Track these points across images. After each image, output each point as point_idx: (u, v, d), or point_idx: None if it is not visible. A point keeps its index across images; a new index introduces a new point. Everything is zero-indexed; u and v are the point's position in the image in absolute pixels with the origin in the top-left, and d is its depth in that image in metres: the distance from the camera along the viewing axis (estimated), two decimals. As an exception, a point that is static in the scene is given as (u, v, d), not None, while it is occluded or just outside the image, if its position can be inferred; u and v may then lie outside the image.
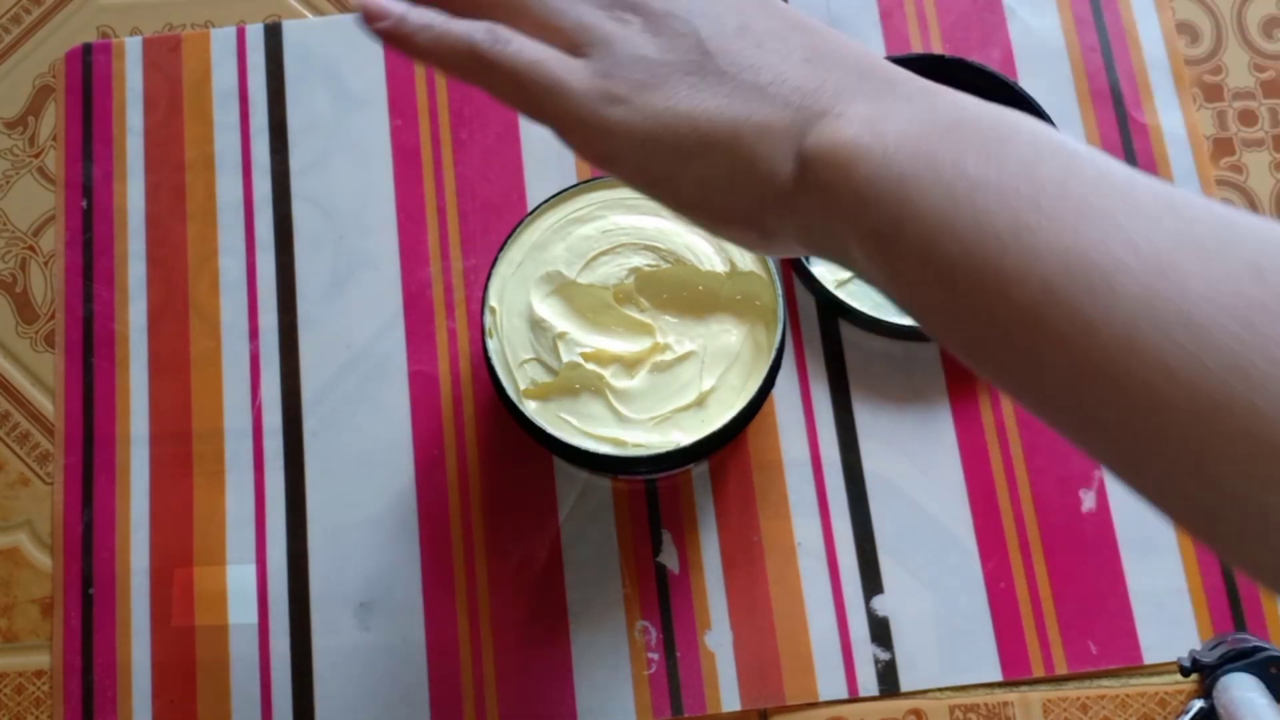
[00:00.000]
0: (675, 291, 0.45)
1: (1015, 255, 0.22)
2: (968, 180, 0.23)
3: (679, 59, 0.27)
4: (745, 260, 0.44)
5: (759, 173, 0.26)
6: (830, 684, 0.47)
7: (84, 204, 0.54)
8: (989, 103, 0.26)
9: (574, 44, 0.28)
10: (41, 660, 0.49)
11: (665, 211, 0.45)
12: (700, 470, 0.50)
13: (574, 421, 0.44)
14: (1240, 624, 0.48)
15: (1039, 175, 0.23)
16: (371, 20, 0.29)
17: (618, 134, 0.27)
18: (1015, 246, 0.22)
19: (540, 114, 0.28)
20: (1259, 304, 0.20)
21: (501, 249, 0.45)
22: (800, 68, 0.27)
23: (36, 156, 0.55)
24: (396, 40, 0.29)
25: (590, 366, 0.44)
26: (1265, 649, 0.46)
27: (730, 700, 0.47)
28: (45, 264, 0.54)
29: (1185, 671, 0.46)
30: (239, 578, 0.50)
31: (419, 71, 0.55)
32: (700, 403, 0.44)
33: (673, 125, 0.27)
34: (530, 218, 0.45)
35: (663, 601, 0.49)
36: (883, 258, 0.25)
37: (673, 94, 0.27)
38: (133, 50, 0.56)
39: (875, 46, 0.55)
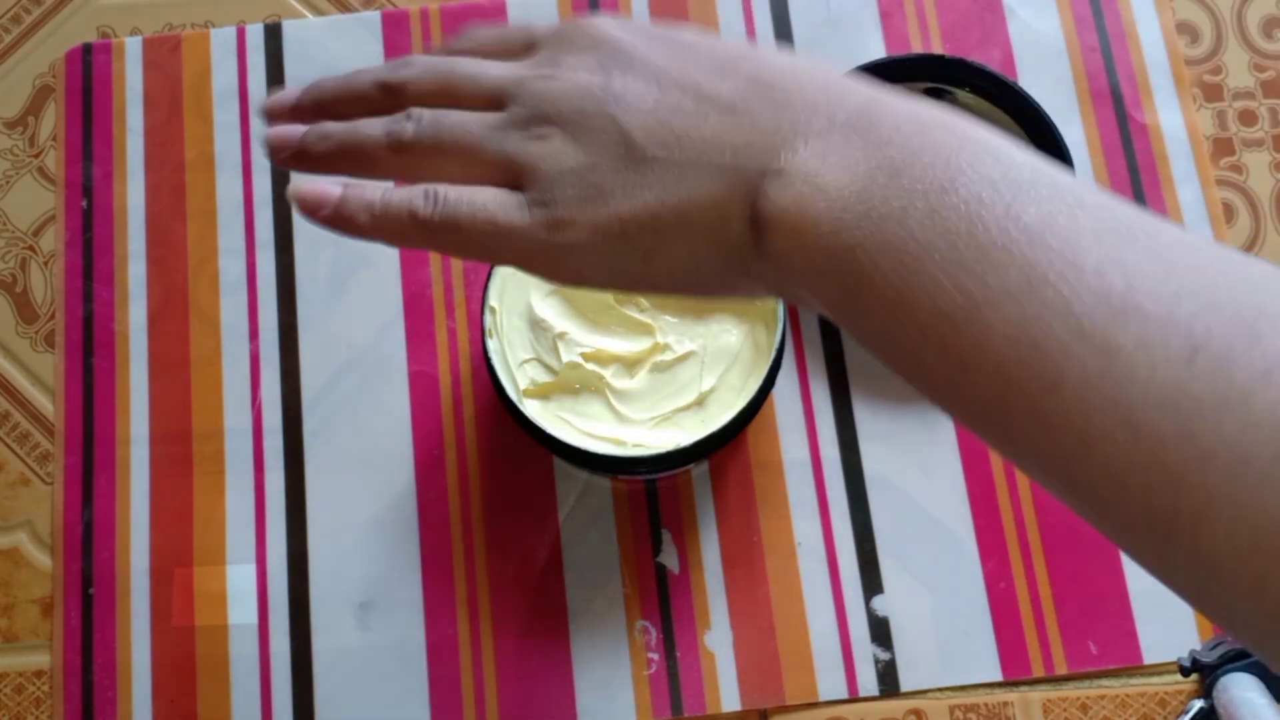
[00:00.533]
0: (675, 291, 0.45)
1: (970, 338, 0.22)
2: (915, 247, 0.23)
3: (605, 157, 0.26)
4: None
5: (719, 247, 0.26)
6: (830, 684, 0.47)
7: (84, 204, 0.54)
8: (924, 112, 0.25)
9: (504, 176, 0.28)
10: (41, 660, 0.49)
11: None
12: (700, 470, 0.50)
13: (574, 421, 0.44)
14: (1240, 624, 0.48)
15: (982, 231, 0.22)
16: (311, 212, 0.29)
17: (574, 256, 0.27)
18: (968, 329, 0.22)
19: (497, 259, 0.28)
20: (1194, 402, 0.20)
21: (501, 249, 0.45)
22: (728, 119, 0.26)
23: (36, 156, 0.55)
24: (340, 225, 0.29)
25: (590, 366, 0.44)
26: (1265, 649, 0.46)
27: (730, 700, 0.47)
28: (45, 264, 0.54)
29: (1185, 671, 0.46)
30: (239, 578, 0.50)
31: (419, 71, 0.55)
32: (700, 403, 0.44)
33: (620, 231, 0.26)
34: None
35: (663, 601, 0.49)
36: (847, 323, 0.25)
37: (611, 200, 0.26)
38: (133, 50, 0.56)
39: (875, 47, 0.55)
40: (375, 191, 0.29)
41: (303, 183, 0.29)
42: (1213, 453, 0.20)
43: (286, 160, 0.30)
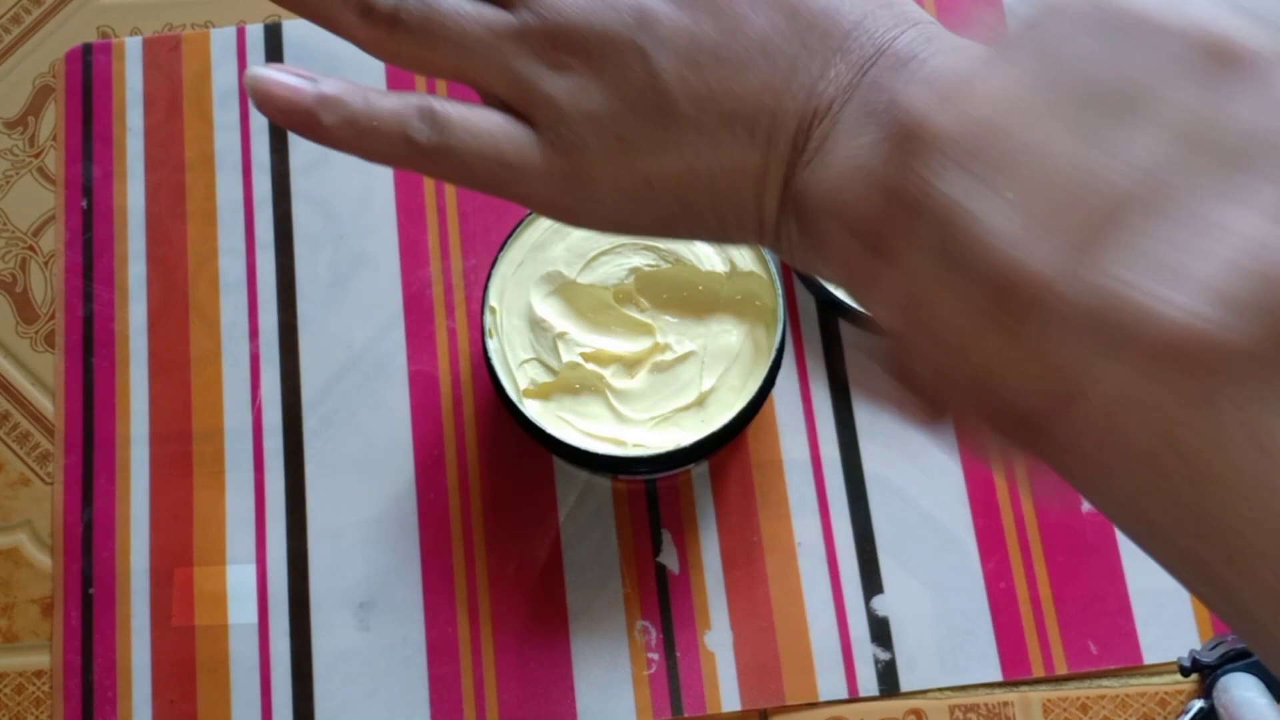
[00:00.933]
0: (675, 291, 0.45)
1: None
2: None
3: (634, 108, 0.23)
4: (745, 260, 0.44)
5: (746, 218, 0.24)
6: (830, 684, 0.47)
7: (84, 204, 0.54)
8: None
9: (511, 97, 0.24)
10: (41, 660, 0.49)
11: None
12: (700, 470, 0.50)
13: (574, 421, 0.44)
14: (1240, 624, 0.48)
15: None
16: (274, 114, 0.24)
17: (591, 212, 0.25)
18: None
19: (501, 193, 0.25)
20: None
21: (501, 249, 0.45)
22: (764, 73, 0.23)
23: (36, 156, 0.55)
24: (312, 134, 0.25)
25: (590, 366, 0.44)
26: (1265, 649, 0.46)
27: (730, 700, 0.47)
28: (45, 264, 0.54)
29: (1185, 671, 0.46)
30: (239, 578, 0.50)
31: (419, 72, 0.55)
32: (700, 403, 0.44)
33: (645, 194, 0.24)
34: (530, 217, 0.45)
35: (663, 601, 0.49)
36: (868, 302, 0.24)
37: (636, 157, 0.24)
38: (133, 50, 0.56)
39: (875, 46, 0.55)
40: (358, 97, 0.24)
41: (266, 72, 0.24)
42: None
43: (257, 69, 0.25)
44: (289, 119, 0.24)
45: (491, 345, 0.44)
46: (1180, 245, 0.17)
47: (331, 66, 0.56)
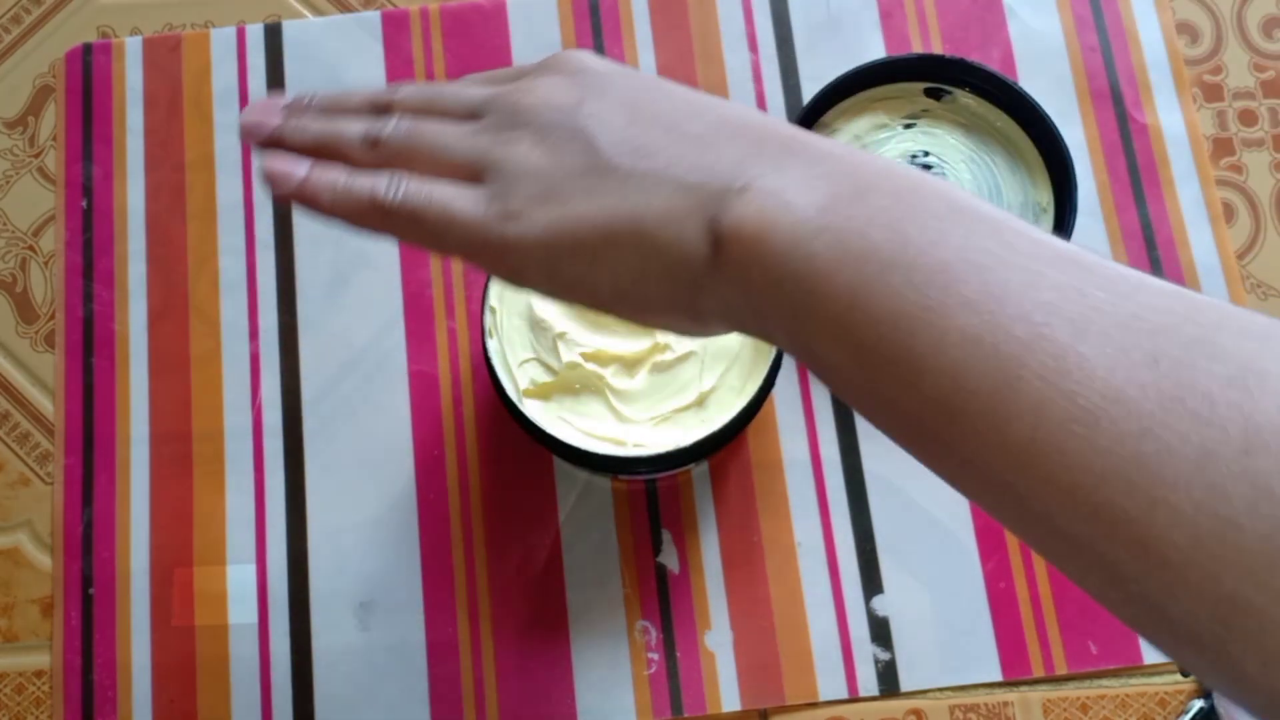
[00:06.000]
0: (675, 291, 0.45)
1: (925, 342, 0.22)
2: (877, 258, 0.23)
3: (570, 164, 0.27)
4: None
5: (670, 259, 0.26)
6: (830, 684, 0.47)
7: (84, 204, 0.54)
8: (891, 160, 0.25)
9: (470, 175, 0.28)
10: (41, 660, 0.49)
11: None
12: (700, 470, 0.50)
13: (574, 421, 0.44)
14: (1240, 624, 0.48)
15: (946, 247, 0.22)
16: (275, 186, 0.30)
17: (519, 249, 0.27)
18: (925, 334, 0.22)
19: (443, 246, 0.29)
20: (1155, 401, 0.20)
21: (501, 249, 0.45)
22: (694, 145, 0.26)
23: (36, 156, 0.55)
24: (303, 200, 0.30)
25: (590, 366, 0.44)
26: (1265, 649, 0.46)
27: (730, 700, 0.47)
28: (45, 264, 0.54)
29: (1185, 671, 0.46)
30: (239, 578, 0.50)
31: (419, 71, 0.55)
32: (700, 403, 0.44)
33: (572, 230, 0.27)
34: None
35: (663, 601, 0.49)
36: (800, 338, 0.25)
37: (568, 199, 0.27)
38: (133, 50, 0.56)
39: (875, 47, 0.55)
40: (340, 173, 0.30)
41: (271, 160, 0.30)
42: (1172, 449, 0.20)
43: (262, 143, 0.31)
44: (284, 190, 0.30)
45: (491, 345, 0.44)
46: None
47: (331, 66, 0.56)
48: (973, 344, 0.22)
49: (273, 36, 0.56)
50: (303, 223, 0.54)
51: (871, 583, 0.49)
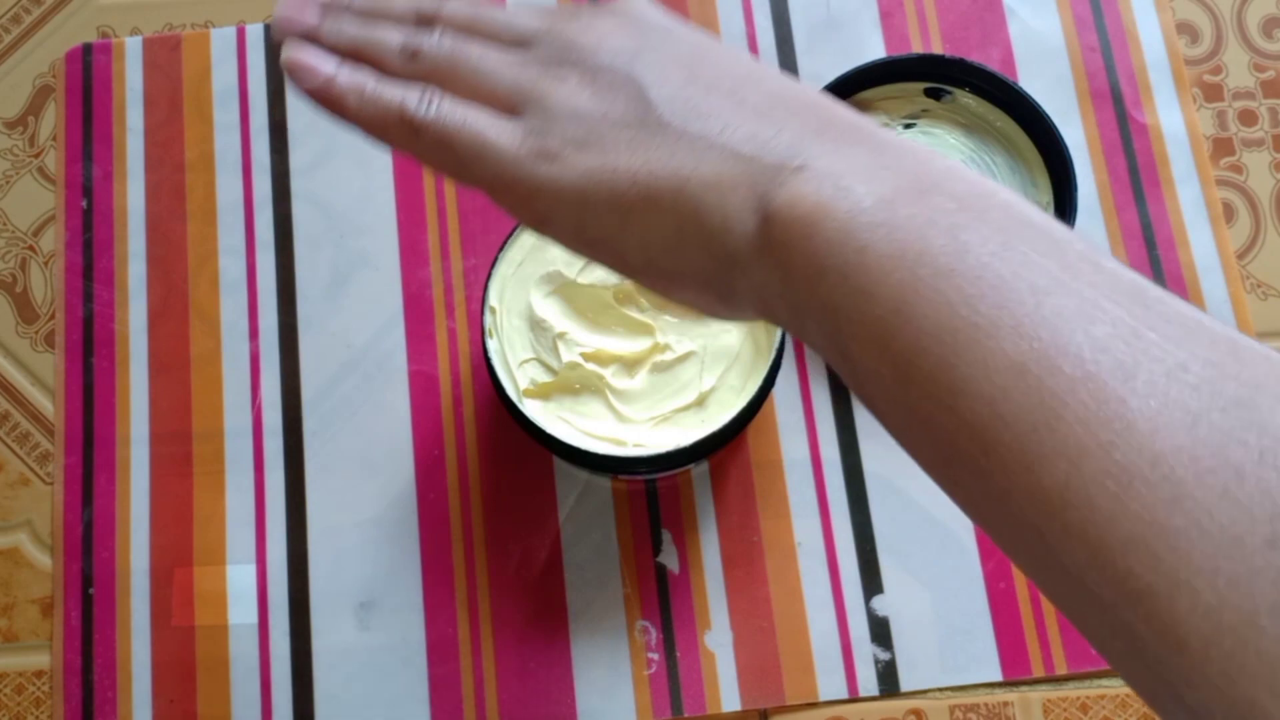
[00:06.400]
0: (675, 291, 0.45)
1: (969, 362, 0.21)
2: (932, 263, 0.21)
3: (618, 112, 0.25)
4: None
5: (708, 230, 0.24)
6: (830, 684, 0.47)
7: (84, 204, 0.54)
8: (958, 163, 0.24)
9: (509, 105, 0.26)
10: (41, 660, 0.49)
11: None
12: (700, 470, 0.50)
13: (574, 421, 0.44)
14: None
15: (1006, 262, 0.21)
16: (299, 79, 0.28)
17: (550, 192, 0.25)
18: (970, 353, 0.21)
19: (469, 177, 0.27)
20: (1190, 469, 0.19)
21: (501, 249, 0.45)
22: (753, 115, 0.25)
23: (36, 156, 0.55)
24: (326, 101, 0.28)
25: (590, 366, 0.44)
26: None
27: (730, 700, 0.47)
28: (45, 264, 0.54)
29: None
30: (239, 578, 0.50)
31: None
32: (700, 403, 0.44)
33: (609, 182, 0.25)
34: (530, 218, 0.45)
35: (663, 601, 0.49)
36: (837, 338, 0.23)
37: (610, 149, 0.25)
38: (133, 50, 0.56)
39: (875, 47, 0.55)
40: (370, 78, 0.28)
41: (299, 50, 0.28)
42: (1201, 528, 0.18)
43: (295, 40, 0.29)
44: (308, 85, 0.28)
45: (491, 345, 0.44)
46: None
47: (331, 66, 0.56)
48: (1017, 373, 0.20)
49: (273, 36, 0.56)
50: (303, 223, 0.54)
51: (871, 583, 0.49)
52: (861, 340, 0.23)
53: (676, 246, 0.25)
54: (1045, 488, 0.20)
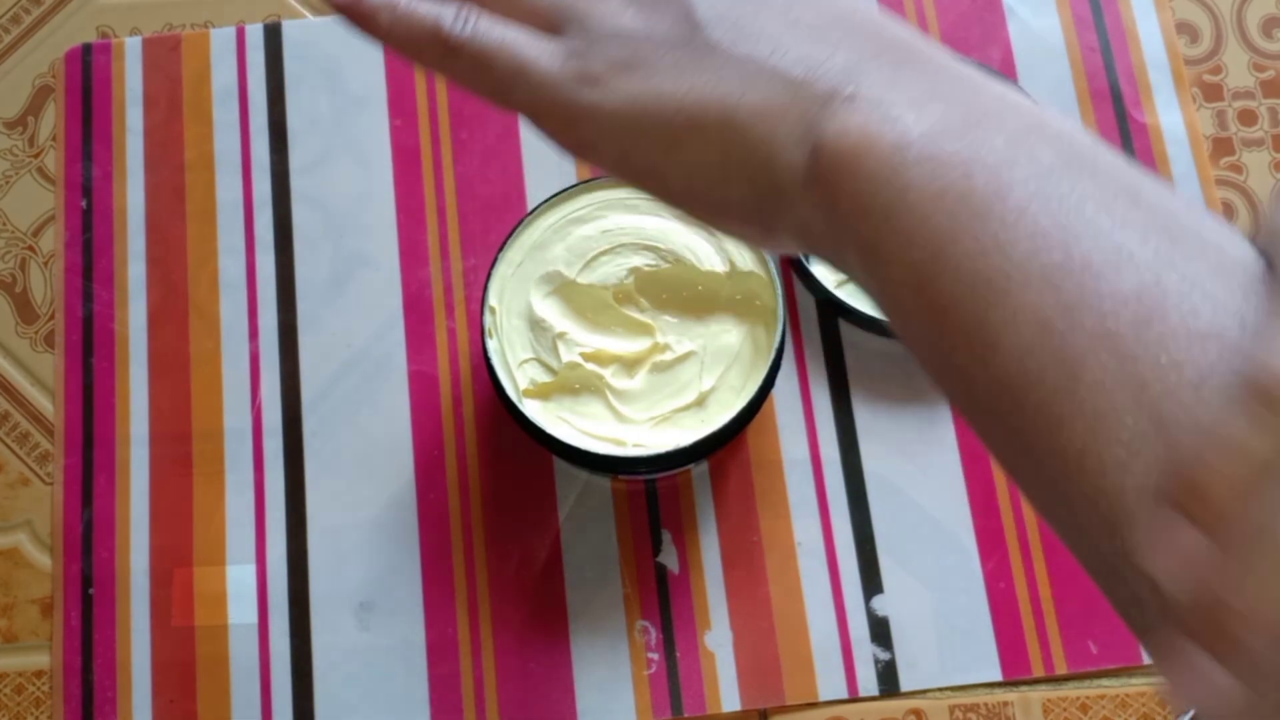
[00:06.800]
0: (675, 291, 0.45)
1: (1000, 316, 0.21)
2: (970, 205, 0.21)
3: (663, 32, 0.24)
4: (745, 260, 0.44)
5: (755, 160, 0.23)
6: (830, 684, 0.47)
7: (84, 204, 0.54)
8: (1014, 91, 0.23)
9: (550, 24, 0.25)
10: (41, 660, 0.49)
11: (665, 211, 0.45)
12: (700, 470, 0.50)
13: (574, 421, 0.44)
14: (1240, 624, 0.48)
15: (1047, 204, 0.21)
16: (333, 5, 0.27)
17: (594, 119, 0.24)
18: (1001, 306, 0.21)
19: (508, 100, 0.26)
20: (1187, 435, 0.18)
21: (501, 249, 0.45)
22: (805, 36, 0.23)
23: (36, 156, 0.55)
24: (356, 18, 0.27)
25: (590, 366, 0.44)
26: (1265, 649, 0.45)
27: (730, 700, 0.47)
28: (45, 264, 0.54)
29: (1185, 671, 0.46)
30: (239, 578, 0.50)
31: (419, 71, 0.55)
32: (700, 403, 0.44)
33: (655, 108, 0.24)
34: (530, 218, 0.45)
35: (663, 601, 0.49)
36: (878, 277, 0.23)
37: (655, 73, 0.24)
38: (132, 50, 0.56)
39: (875, 46, 0.55)
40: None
41: None
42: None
43: None
44: (340, 2, 0.27)
45: (491, 345, 0.44)
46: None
47: (330, 66, 0.56)
48: (1042, 328, 0.20)
49: (272, 36, 0.56)
50: (303, 223, 0.54)
51: (871, 583, 0.49)
52: (899, 284, 0.22)
53: (722, 178, 0.24)
54: (1065, 451, 0.20)
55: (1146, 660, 0.47)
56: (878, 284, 0.23)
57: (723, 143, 0.24)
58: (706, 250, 0.45)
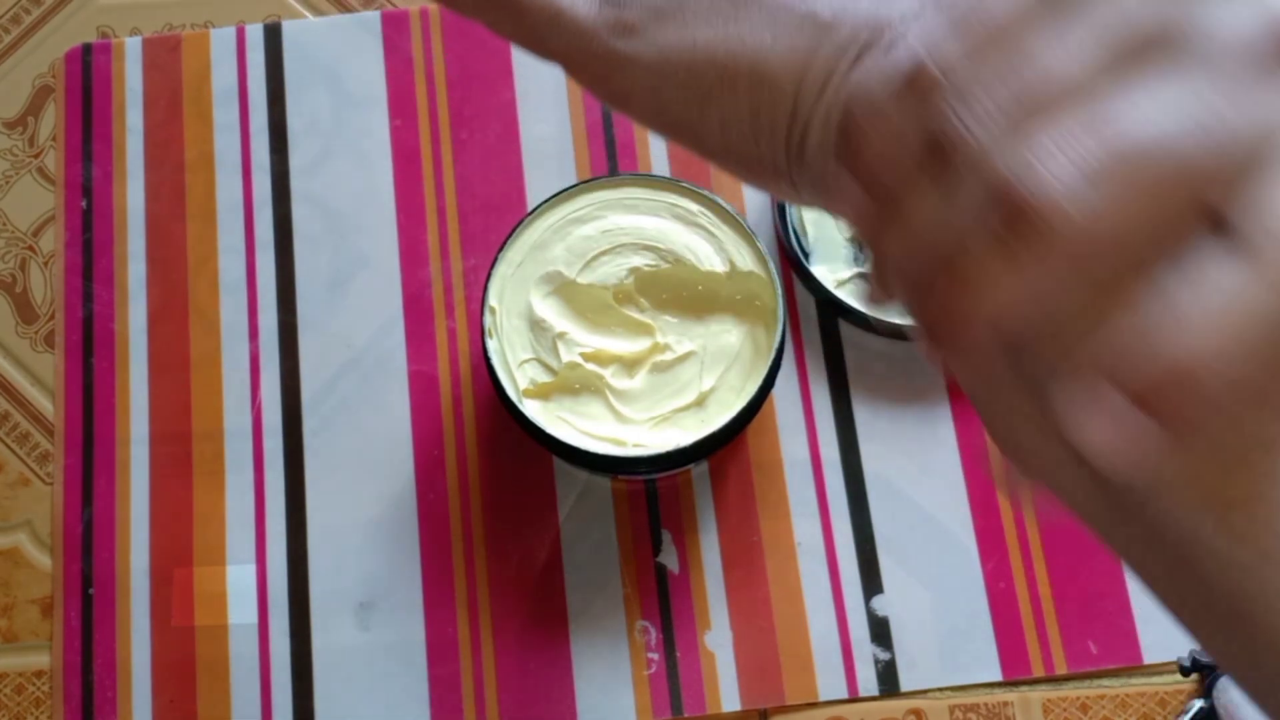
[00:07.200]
0: (675, 291, 0.45)
1: None
2: None
3: None
4: (745, 260, 0.44)
5: (779, 116, 0.22)
6: (830, 684, 0.47)
7: (84, 204, 0.54)
8: None
9: None
10: (41, 660, 0.49)
11: (666, 211, 0.45)
12: (700, 470, 0.50)
13: (574, 421, 0.44)
14: (1240, 624, 0.48)
15: None
16: None
17: (629, 70, 0.23)
18: None
19: (543, 48, 0.25)
20: None
21: (501, 249, 0.45)
22: None
23: (36, 156, 0.55)
24: None
25: (590, 366, 0.44)
26: (1265, 649, 0.45)
27: (730, 700, 0.47)
28: (45, 264, 0.54)
29: (1185, 671, 0.46)
30: (239, 578, 0.50)
31: (419, 72, 0.55)
32: (700, 403, 0.44)
33: (689, 61, 0.23)
34: (530, 218, 0.45)
35: (663, 601, 0.49)
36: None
37: (691, 23, 0.23)
38: (132, 50, 0.56)
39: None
40: None
41: None
42: None
43: None
44: None
45: (491, 345, 0.44)
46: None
47: (330, 66, 0.56)
48: None
49: (272, 36, 0.56)
50: (303, 223, 0.54)
51: (871, 583, 0.49)
52: None
53: (752, 133, 0.23)
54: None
55: (1147, 660, 0.47)
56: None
57: (751, 98, 0.23)
58: (706, 250, 0.45)
